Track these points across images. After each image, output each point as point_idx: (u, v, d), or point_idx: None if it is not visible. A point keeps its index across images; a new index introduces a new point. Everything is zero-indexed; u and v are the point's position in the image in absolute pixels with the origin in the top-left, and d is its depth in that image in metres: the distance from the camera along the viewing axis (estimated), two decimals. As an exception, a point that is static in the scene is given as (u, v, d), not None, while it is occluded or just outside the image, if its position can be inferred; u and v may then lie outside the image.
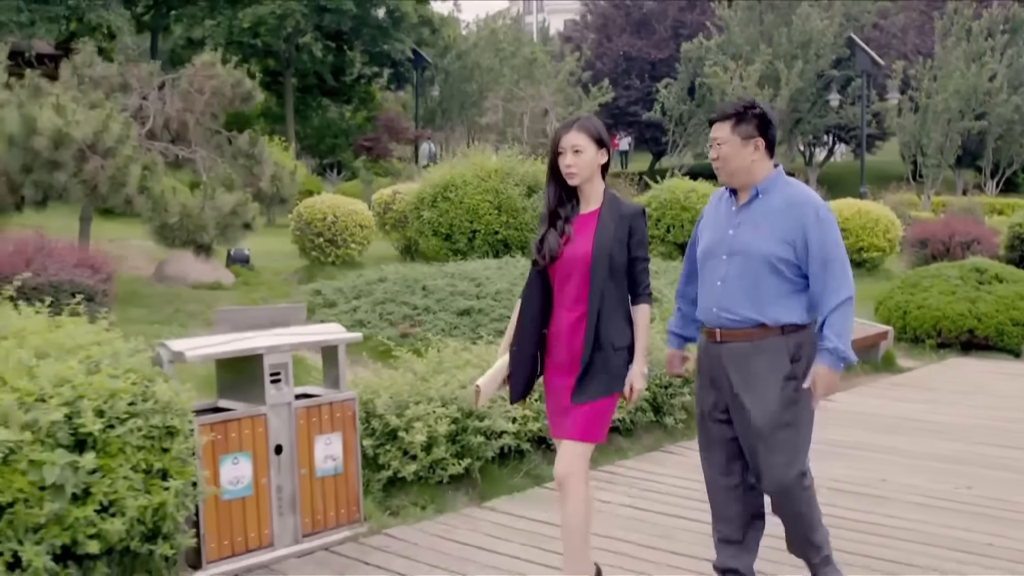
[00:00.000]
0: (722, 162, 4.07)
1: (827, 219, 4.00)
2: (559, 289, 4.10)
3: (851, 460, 6.97)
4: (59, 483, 3.73)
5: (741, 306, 4.03)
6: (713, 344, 4.14)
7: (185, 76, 12.69)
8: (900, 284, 12.93)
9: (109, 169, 10.15)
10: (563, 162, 4.06)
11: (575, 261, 4.04)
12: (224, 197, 10.92)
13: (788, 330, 4.00)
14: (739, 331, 4.04)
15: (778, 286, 4.00)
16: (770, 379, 3.98)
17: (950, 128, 27.37)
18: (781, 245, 3.97)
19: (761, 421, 3.98)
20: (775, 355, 3.99)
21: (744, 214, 4.09)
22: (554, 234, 4.08)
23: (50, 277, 6.76)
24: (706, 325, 4.19)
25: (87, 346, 4.37)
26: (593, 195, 4.13)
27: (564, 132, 4.10)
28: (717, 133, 4.08)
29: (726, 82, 27.49)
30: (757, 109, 4.07)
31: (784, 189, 4.08)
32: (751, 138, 4.03)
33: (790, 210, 4.00)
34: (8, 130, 9.72)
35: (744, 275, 4.03)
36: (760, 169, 4.07)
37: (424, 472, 5.84)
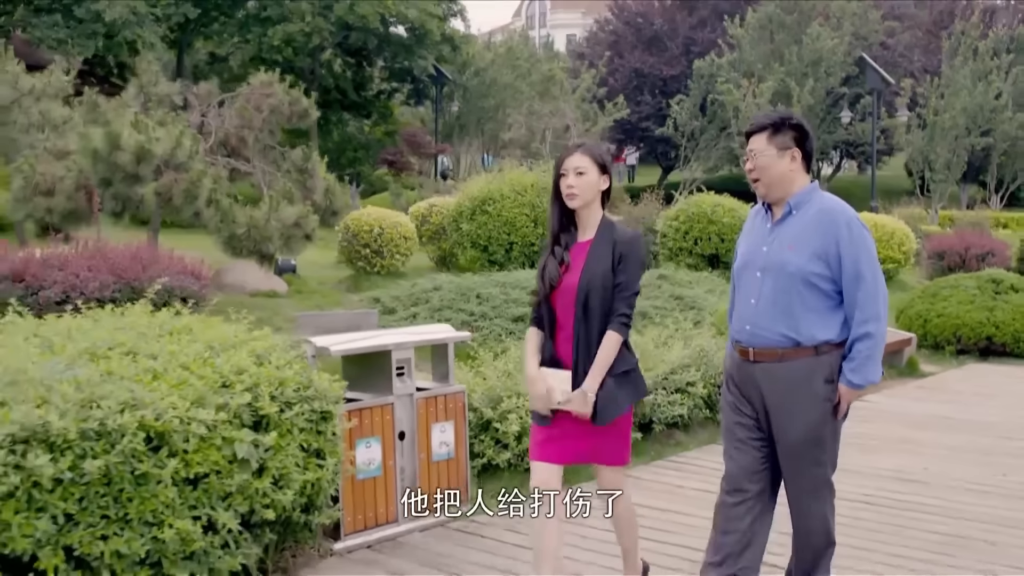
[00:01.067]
0: (759, 173, 3.98)
1: (859, 233, 3.89)
2: (561, 317, 4.07)
3: (893, 452, 7.54)
4: (246, 458, 4.30)
5: (776, 324, 3.93)
6: (746, 363, 4.03)
7: (243, 94, 13.30)
8: (920, 294, 13.52)
9: (183, 183, 10.74)
10: (564, 183, 4.02)
11: (571, 290, 4.00)
12: (287, 209, 11.51)
13: (823, 350, 3.90)
14: (773, 351, 3.94)
15: (814, 303, 3.89)
16: (804, 400, 3.90)
17: (957, 144, 28.02)
18: (815, 261, 3.86)
19: (793, 441, 3.94)
20: (809, 376, 3.90)
21: (778, 230, 3.99)
22: (554, 262, 4.05)
23: (140, 284, 7.30)
24: (739, 343, 4.07)
25: (246, 342, 4.94)
26: (591, 222, 4.08)
27: (568, 155, 4.07)
28: (754, 145, 4.00)
29: (739, 99, 28.12)
30: (794, 120, 3.99)
31: (817, 203, 3.96)
32: (787, 149, 3.94)
33: (822, 224, 3.89)
34: (93, 145, 10.30)
35: (778, 293, 3.93)
36: (796, 181, 3.97)
37: (514, 460, 6.41)
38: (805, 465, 3.98)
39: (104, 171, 10.33)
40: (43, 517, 3.73)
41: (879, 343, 3.86)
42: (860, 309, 3.82)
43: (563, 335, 4.05)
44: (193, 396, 4.23)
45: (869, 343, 3.83)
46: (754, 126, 4.04)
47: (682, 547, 5.32)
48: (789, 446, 3.95)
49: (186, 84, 13.90)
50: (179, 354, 4.65)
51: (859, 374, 3.86)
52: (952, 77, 28.45)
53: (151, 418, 4.01)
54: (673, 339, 8.60)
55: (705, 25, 42.07)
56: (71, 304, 6.23)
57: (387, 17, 29.53)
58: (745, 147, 4.11)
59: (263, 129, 12.84)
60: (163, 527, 4.05)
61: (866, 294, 3.83)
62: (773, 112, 4.14)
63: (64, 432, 3.76)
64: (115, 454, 3.87)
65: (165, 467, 4.03)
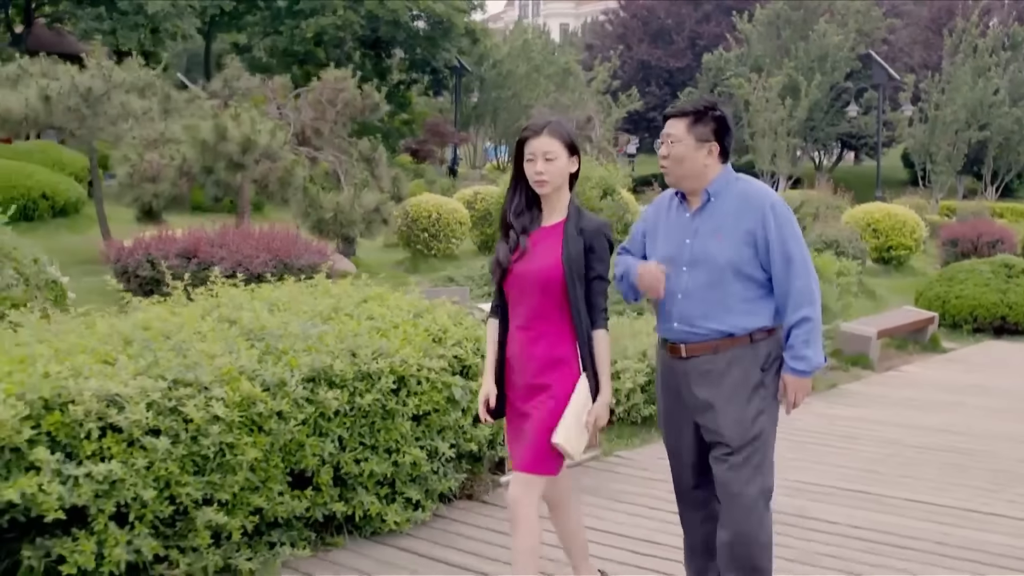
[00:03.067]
0: (672, 162, 3.71)
1: (783, 214, 3.67)
2: (513, 307, 3.73)
3: (937, 412, 8.52)
4: (458, 399, 5.24)
5: (707, 319, 3.68)
6: (678, 360, 3.78)
7: (316, 89, 14.17)
8: (938, 278, 14.54)
9: (278, 171, 11.63)
10: (532, 169, 3.63)
11: (531, 277, 3.63)
12: (368, 196, 12.40)
13: (757, 337, 3.68)
14: (705, 344, 3.70)
15: (745, 292, 3.67)
16: (740, 391, 3.67)
17: (957, 138, 29.06)
18: (743, 248, 3.65)
19: (731, 435, 3.67)
20: (745, 365, 3.67)
21: (699, 220, 3.73)
22: (505, 247, 3.70)
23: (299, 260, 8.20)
24: (668, 340, 3.82)
25: (432, 308, 5.86)
26: (559, 206, 3.69)
27: (533, 136, 3.65)
28: (672, 130, 3.70)
29: (749, 92, 29.09)
30: (717, 111, 3.72)
31: (736, 187, 3.74)
32: (706, 141, 3.68)
33: (746, 209, 3.67)
34: (201, 136, 11.16)
35: (708, 286, 3.69)
36: (710, 173, 3.72)
37: (622, 414, 7.35)
38: (741, 462, 3.67)
39: (210, 160, 11.19)
40: (326, 441, 4.66)
41: (817, 326, 3.65)
42: (793, 294, 3.61)
43: (515, 324, 3.72)
44: (420, 348, 5.16)
45: (807, 327, 3.61)
46: (675, 111, 3.74)
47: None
48: (726, 442, 3.67)
49: (263, 79, 14.73)
50: (388, 316, 5.56)
51: (802, 360, 3.63)
52: (953, 73, 29.47)
53: (397, 365, 4.94)
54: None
55: (710, 19, 43.01)
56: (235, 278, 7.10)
57: (415, 11, 30.34)
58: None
59: (336, 121, 13.71)
60: (401, 454, 4.99)
61: (798, 278, 3.62)
62: (698, 99, 3.81)
63: (343, 373, 4.69)
64: (375, 392, 4.80)
65: (407, 405, 4.97)
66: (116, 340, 4.60)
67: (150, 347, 4.51)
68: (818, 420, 8.09)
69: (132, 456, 3.99)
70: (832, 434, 7.65)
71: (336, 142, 13.84)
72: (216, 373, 4.34)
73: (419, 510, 5.16)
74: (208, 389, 4.26)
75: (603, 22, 49.68)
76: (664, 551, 4.87)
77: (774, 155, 28.92)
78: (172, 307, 5.29)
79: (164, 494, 4.12)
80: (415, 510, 5.15)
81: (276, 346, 4.75)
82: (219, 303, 5.40)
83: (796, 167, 31.53)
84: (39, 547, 3.96)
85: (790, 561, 4.80)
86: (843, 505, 5.77)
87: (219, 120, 11.26)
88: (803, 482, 6.22)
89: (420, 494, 5.18)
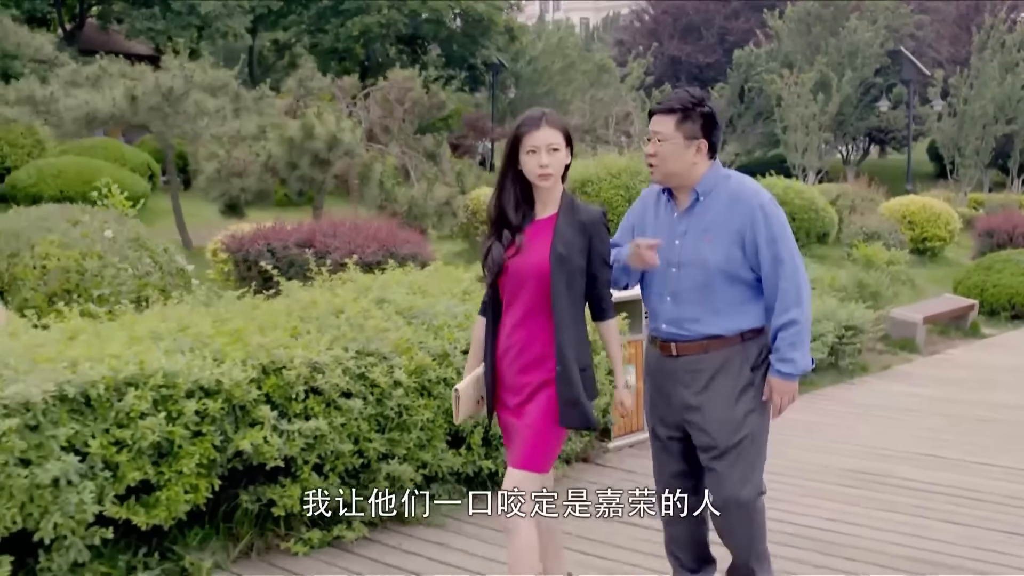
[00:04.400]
0: (659, 160, 3.59)
1: (774, 215, 3.56)
2: (508, 303, 3.58)
3: (993, 390, 9.06)
4: (583, 370, 5.84)
5: (696, 320, 3.60)
6: (668, 359, 3.70)
7: (383, 88, 14.79)
8: (975, 267, 15.04)
9: (357, 166, 12.25)
10: (535, 162, 3.46)
11: (527, 272, 3.50)
12: (439, 190, 13.02)
13: (747, 336, 3.61)
14: (695, 343, 3.62)
15: (734, 294, 3.59)
16: (730, 391, 3.58)
17: (985, 132, 29.45)
18: (733, 250, 3.55)
19: (720, 435, 3.59)
20: (734, 365, 3.59)
21: (688, 220, 3.62)
22: (498, 246, 3.53)
23: (401, 249, 8.81)
24: (659, 338, 3.74)
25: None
26: (552, 198, 3.55)
27: (534, 128, 3.47)
28: (658, 127, 3.59)
29: (782, 88, 29.56)
30: (705, 107, 3.58)
31: (726, 186, 3.62)
32: (694, 139, 3.56)
33: (736, 209, 3.56)
34: (289, 134, 11.80)
35: (697, 288, 3.59)
36: (699, 171, 3.60)
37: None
38: (732, 464, 3.60)
39: (296, 156, 11.82)
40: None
41: (804, 328, 3.56)
42: (781, 296, 3.52)
43: (510, 321, 3.56)
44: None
45: (794, 330, 3.53)
46: (662, 107, 3.61)
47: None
48: (716, 442, 3.60)
49: (332, 78, 15.37)
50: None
51: (788, 363, 3.55)
52: (981, 69, 29.84)
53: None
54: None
55: (739, 16, 43.40)
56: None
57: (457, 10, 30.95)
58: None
59: (404, 119, 14.33)
60: (536, 417, 5.59)
61: (786, 280, 3.52)
62: (685, 94, 3.63)
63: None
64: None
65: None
66: (294, 317, 5.21)
67: (328, 323, 5.12)
68: (880, 397, 8.67)
69: (330, 415, 4.61)
70: (895, 408, 8.23)
71: (403, 139, 14.46)
72: (392, 345, 4.95)
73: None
74: (388, 358, 4.87)
75: (632, 19, 50.15)
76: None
77: (805, 149, 29.37)
78: (330, 289, 5.90)
79: (355, 448, 4.74)
80: (546, 469, 5.76)
81: (432, 323, 5.36)
82: (368, 285, 6.00)
83: (823, 161, 31.98)
84: (253, 493, 4.60)
85: (886, 512, 5.38)
86: (921, 467, 6.33)
87: (306, 119, 11.89)
88: (883, 447, 6.80)
89: (549, 456, 5.80)
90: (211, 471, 4.31)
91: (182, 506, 4.22)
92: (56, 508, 3.78)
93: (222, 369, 4.29)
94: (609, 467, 6.19)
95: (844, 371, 9.62)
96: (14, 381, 3.72)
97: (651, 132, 3.62)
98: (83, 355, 4.06)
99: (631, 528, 4.88)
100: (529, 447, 3.51)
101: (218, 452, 4.29)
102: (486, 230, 3.71)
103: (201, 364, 4.27)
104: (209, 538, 4.53)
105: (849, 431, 7.34)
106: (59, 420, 3.79)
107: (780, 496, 5.50)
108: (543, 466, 3.56)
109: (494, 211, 3.59)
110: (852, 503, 5.55)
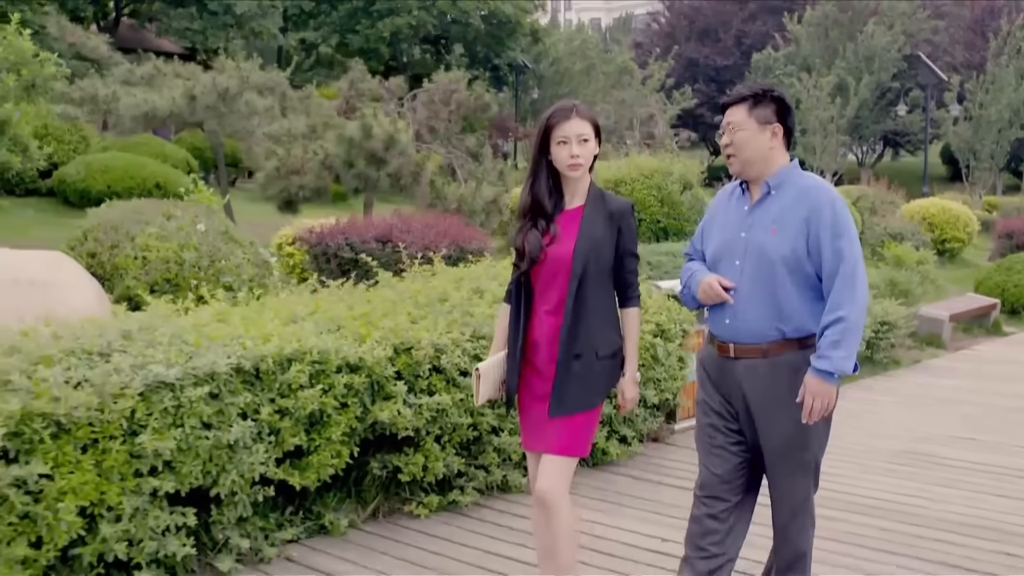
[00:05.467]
0: (736, 149, 3.56)
1: (842, 214, 3.46)
2: (542, 292, 3.60)
3: (1018, 382, 9.54)
4: (660, 357, 6.35)
5: (759, 317, 3.51)
6: (726, 360, 3.61)
7: (430, 90, 15.30)
8: (996, 268, 15.52)
9: (410, 165, 12.76)
10: (566, 152, 3.50)
11: (560, 262, 3.54)
12: (487, 189, 13.52)
13: (807, 343, 3.48)
14: (755, 346, 3.53)
15: (797, 292, 3.48)
16: (788, 398, 3.47)
17: (1000, 136, 29.96)
18: (799, 241, 3.45)
19: (777, 442, 3.54)
20: (793, 372, 3.47)
21: (757, 213, 3.57)
22: (536, 234, 3.56)
23: (469, 244, 9.31)
24: (717, 338, 3.66)
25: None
26: (580, 189, 3.60)
27: (564, 119, 3.52)
28: (732, 117, 3.57)
29: (801, 91, 30.05)
30: (775, 92, 3.58)
31: (798, 182, 3.55)
32: (769, 123, 3.52)
33: (805, 204, 3.47)
34: (348, 134, 12.31)
35: (760, 282, 3.51)
36: (776, 160, 3.56)
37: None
38: (790, 470, 3.57)
39: (354, 155, 12.32)
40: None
41: (851, 328, 3.38)
42: (835, 294, 3.39)
43: (544, 309, 3.59)
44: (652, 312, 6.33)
45: (840, 327, 3.37)
46: (733, 97, 3.61)
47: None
48: (773, 449, 3.56)
49: (380, 80, 15.89)
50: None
51: (825, 360, 3.37)
52: (997, 74, 30.33)
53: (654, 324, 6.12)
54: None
55: (755, 18, 43.86)
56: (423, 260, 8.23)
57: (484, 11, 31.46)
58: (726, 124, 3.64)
59: (450, 120, 14.83)
60: (619, 398, 6.11)
61: (844, 278, 3.40)
62: (754, 83, 3.68)
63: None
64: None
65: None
66: (408, 304, 5.71)
67: (437, 309, 5.63)
68: (914, 388, 9.17)
69: (451, 391, 5.13)
70: (930, 398, 8.72)
71: (448, 139, 14.96)
72: (500, 330, 5.46)
73: (629, 445, 6.30)
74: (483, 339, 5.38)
75: (649, 21, 50.66)
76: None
77: (824, 151, 29.88)
78: (425, 280, 6.41)
79: (470, 422, 5.25)
80: (626, 445, 6.28)
81: (529, 311, 5.87)
82: (461, 276, 6.51)
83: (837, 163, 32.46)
84: (381, 460, 5.12)
85: (939, 486, 5.89)
86: (963, 449, 6.83)
87: (365, 120, 12.40)
88: (925, 432, 7.30)
89: (632, 433, 6.33)
90: (352, 439, 4.83)
91: (327, 470, 4.74)
92: (232, 467, 4.30)
93: (364, 348, 4.81)
94: (674, 446, 6.70)
95: (879, 364, 10.12)
96: (198, 355, 4.24)
97: (724, 124, 3.61)
98: (247, 333, 4.58)
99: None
100: (568, 432, 3.55)
101: (359, 422, 4.81)
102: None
103: (346, 343, 4.79)
104: (343, 500, 5.05)
105: (892, 418, 7.84)
106: (236, 390, 4.31)
107: (843, 472, 6.04)
108: (584, 449, 3.62)
109: (528, 200, 3.61)
110: (907, 478, 6.06)
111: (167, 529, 4.12)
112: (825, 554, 4.62)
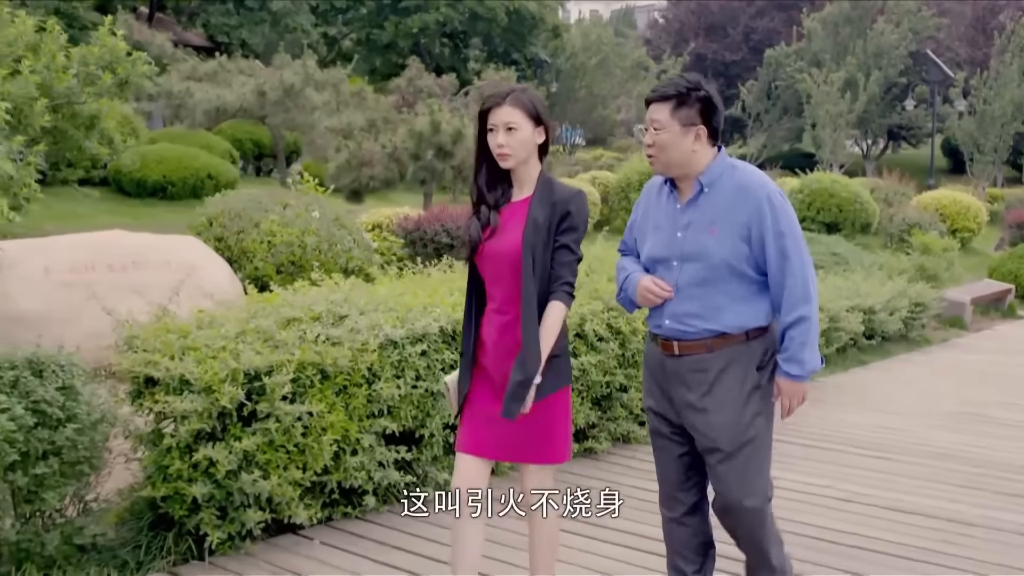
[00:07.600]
0: (657, 150, 3.36)
1: (781, 208, 3.33)
2: (489, 288, 3.40)
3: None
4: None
5: (700, 318, 3.37)
6: (670, 358, 3.46)
7: (480, 87, 16.14)
8: (1009, 255, 16.45)
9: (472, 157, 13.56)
10: (494, 141, 3.30)
11: (504, 256, 3.30)
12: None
13: (752, 335, 3.37)
14: (699, 342, 3.39)
15: (739, 290, 3.35)
16: (735, 392, 3.35)
17: (1003, 131, 30.90)
18: (739, 244, 3.31)
19: (724, 438, 3.37)
20: (740, 365, 3.36)
21: (692, 212, 3.40)
22: (476, 224, 3.37)
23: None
24: (660, 336, 3.50)
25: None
26: (527, 179, 3.36)
27: (494, 106, 3.32)
28: (655, 115, 3.36)
29: (812, 87, 30.92)
30: (702, 91, 3.33)
31: (732, 176, 3.38)
32: (692, 125, 3.32)
33: (741, 200, 3.33)
34: (419, 129, 13.15)
35: (701, 283, 3.36)
36: (701, 159, 3.36)
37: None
38: (739, 469, 3.39)
39: (423, 149, 13.16)
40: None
41: (813, 326, 3.33)
42: (788, 293, 3.30)
43: (491, 307, 3.40)
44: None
45: (803, 327, 3.30)
46: (656, 94, 3.39)
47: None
48: (719, 445, 3.38)
49: (434, 78, 16.73)
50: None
51: (796, 363, 3.33)
52: (1001, 71, 31.25)
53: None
54: (868, 281, 11.49)
55: (764, 15, 44.69)
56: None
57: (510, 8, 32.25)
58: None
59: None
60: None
61: (793, 276, 3.30)
62: (680, 80, 3.40)
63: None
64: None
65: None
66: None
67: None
68: (949, 362, 10.09)
69: (590, 354, 6.00)
70: (967, 370, 9.64)
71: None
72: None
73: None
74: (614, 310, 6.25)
75: (658, 16, 51.47)
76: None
77: (833, 145, 30.79)
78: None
79: (604, 380, 6.13)
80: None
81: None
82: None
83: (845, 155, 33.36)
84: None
85: (994, 439, 6.79)
86: (1009, 410, 7.70)
87: (435, 115, 13.22)
88: (970, 397, 8.19)
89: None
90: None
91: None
92: (436, 413, 5.17)
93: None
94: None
95: (913, 341, 11.02)
96: (411, 319, 5.10)
97: (648, 121, 3.41)
98: (431, 303, 5.45)
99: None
100: (547, 439, 3.39)
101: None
102: None
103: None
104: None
105: (937, 387, 8.73)
106: (439, 348, 5.18)
107: (910, 427, 6.95)
108: (565, 454, 3.46)
109: (473, 191, 3.42)
110: (964, 433, 6.95)
111: (385, 463, 4.99)
112: (906, 497, 5.51)
